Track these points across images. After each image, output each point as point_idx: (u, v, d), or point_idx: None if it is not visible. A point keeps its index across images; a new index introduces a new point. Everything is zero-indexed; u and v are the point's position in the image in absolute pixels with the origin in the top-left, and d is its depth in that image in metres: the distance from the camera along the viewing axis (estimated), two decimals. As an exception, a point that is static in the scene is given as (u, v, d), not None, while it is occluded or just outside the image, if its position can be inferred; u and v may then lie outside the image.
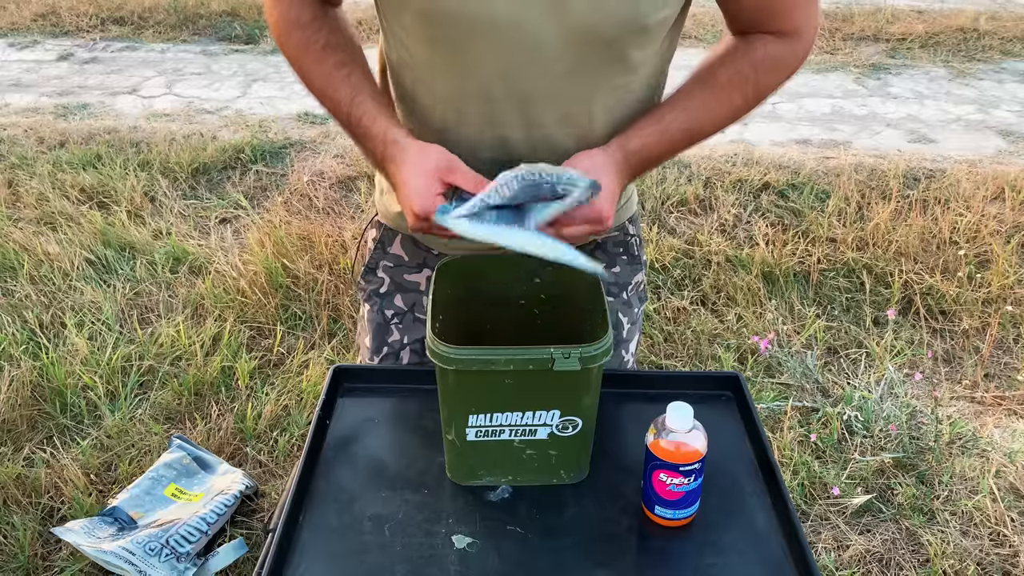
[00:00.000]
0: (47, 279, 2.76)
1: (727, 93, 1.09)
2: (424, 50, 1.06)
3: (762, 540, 0.99)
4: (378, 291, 1.32)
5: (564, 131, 1.09)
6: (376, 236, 1.33)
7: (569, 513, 1.03)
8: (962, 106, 4.40)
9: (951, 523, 1.95)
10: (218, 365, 2.38)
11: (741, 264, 2.91)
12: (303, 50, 1.09)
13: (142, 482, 1.95)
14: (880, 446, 2.15)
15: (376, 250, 1.32)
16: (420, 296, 1.30)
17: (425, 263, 1.29)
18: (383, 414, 1.19)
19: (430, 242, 1.27)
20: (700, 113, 1.09)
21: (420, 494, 1.04)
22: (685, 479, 0.96)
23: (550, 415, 1.01)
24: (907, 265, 2.90)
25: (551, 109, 1.07)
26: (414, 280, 1.30)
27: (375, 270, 1.32)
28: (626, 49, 1.03)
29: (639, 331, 1.38)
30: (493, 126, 1.08)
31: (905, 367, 2.50)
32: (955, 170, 3.51)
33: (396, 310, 1.31)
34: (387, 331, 1.31)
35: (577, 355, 0.94)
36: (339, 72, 1.07)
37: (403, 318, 1.31)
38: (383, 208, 1.30)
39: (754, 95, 1.10)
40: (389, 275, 1.31)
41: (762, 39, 1.09)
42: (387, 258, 1.31)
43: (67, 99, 4.35)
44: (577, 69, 1.03)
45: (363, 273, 1.33)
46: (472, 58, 1.02)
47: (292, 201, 3.27)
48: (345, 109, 1.07)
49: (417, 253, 1.29)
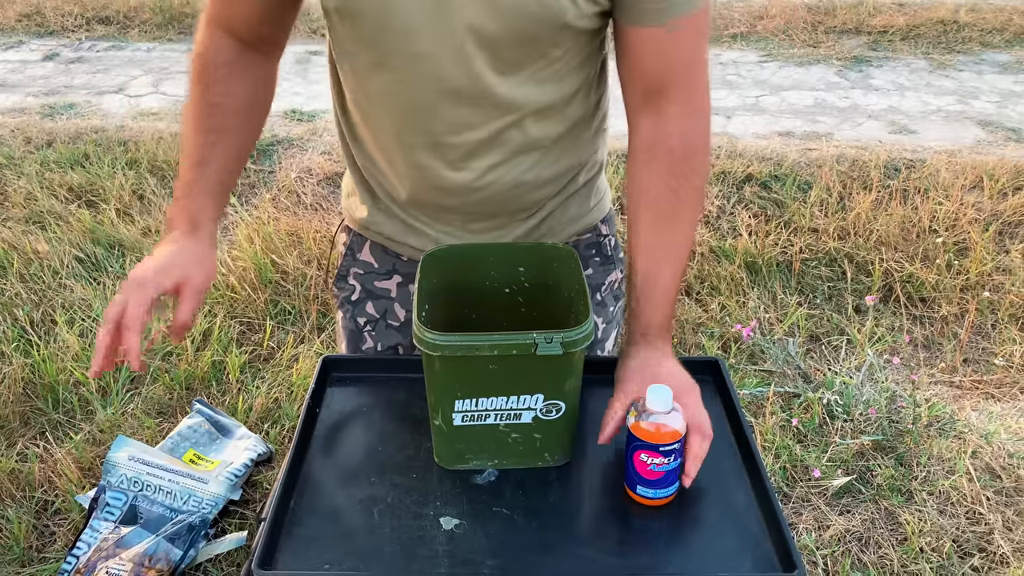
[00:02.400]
0: (37, 277, 2.78)
1: (682, 220, 1.10)
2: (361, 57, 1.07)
3: (741, 518, 1.01)
4: (350, 298, 1.31)
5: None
6: (346, 241, 1.31)
7: (553, 495, 1.05)
8: (942, 97, 4.46)
9: (928, 502, 1.99)
10: (209, 360, 2.41)
11: (724, 254, 2.95)
12: (196, 86, 1.10)
13: (165, 444, 2.02)
14: (860, 429, 2.20)
15: (346, 256, 1.31)
16: (391, 303, 1.29)
17: (395, 269, 1.28)
18: (372, 403, 1.21)
19: (398, 248, 1.26)
20: (676, 253, 1.10)
21: (408, 478, 1.06)
22: (665, 459, 0.98)
23: (534, 399, 1.03)
24: (887, 253, 2.95)
25: (476, 109, 1.07)
26: (384, 287, 1.29)
27: (346, 277, 1.31)
28: (547, 45, 1.03)
29: (617, 328, 1.39)
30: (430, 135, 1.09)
31: (885, 353, 2.55)
32: (935, 160, 3.56)
33: (368, 317, 1.31)
34: (361, 339, 1.32)
35: (559, 340, 0.96)
36: (207, 136, 1.10)
37: (375, 325, 1.31)
38: (349, 213, 1.29)
39: (699, 202, 1.12)
40: (360, 282, 1.30)
41: (675, 127, 1.06)
42: (357, 264, 1.30)
43: (53, 99, 4.35)
44: (495, 62, 1.03)
45: (335, 280, 1.33)
46: (393, 56, 1.03)
47: (280, 198, 3.29)
48: (187, 163, 1.10)
49: (386, 259, 1.28)
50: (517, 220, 1.21)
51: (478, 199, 1.15)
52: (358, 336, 1.32)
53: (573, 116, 1.13)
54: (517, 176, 1.13)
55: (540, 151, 1.12)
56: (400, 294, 1.29)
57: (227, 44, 1.10)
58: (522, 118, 1.08)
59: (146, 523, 1.78)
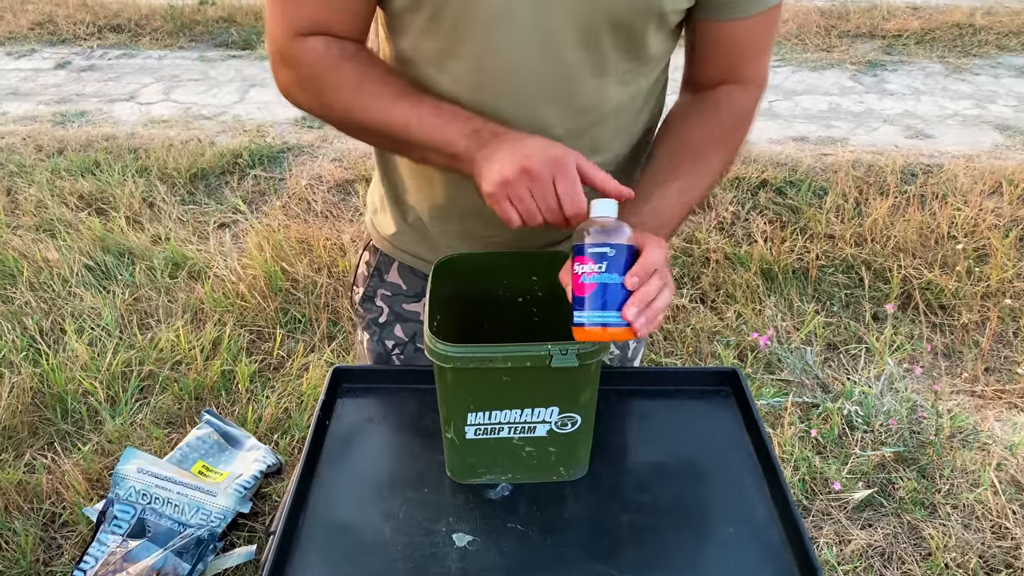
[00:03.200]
0: (46, 286, 2.76)
1: (707, 158, 1.06)
2: (429, 43, 1.00)
3: (762, 532, 0.98)
4: (377, 320, 1.27)
5: (578, 128, 1.05)
6: (371, 261, 1.26)
7: (569, 509, 1.02)
8: (959, 101, 4.40)
9: (952, 516, 1.95)
10: (218, 369, 2.38)
11: (740, 261, 2.91)
12: (349, 78, 0.98)
13: (174, 455, 1.99)
14: (881, 441, 2.15)
15: (373, 277, 1.25)
16: (421, 326, 1.22)
17: (424, 292, 1.20)
18: (383, 414, 1.19)
19: (428, 269, 1.18)
20: (689, 181, 1.05)
21: (420, 493, 1.04)
22: (596, 265, 0.87)
23: (549, 412, 1.01)
24: (905, 260, 2.90)
25: (558, 106, 1.02)
26: (413, 310, 1.25)
27: (373, 298, 1.26)
28: (642, 36, 0.99)
29: (644, 345, 1.36)
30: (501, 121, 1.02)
31: (905, 362, 2.50)
32: (952, 165, 3.51)
33: (397, 340, 1.27)
34: (388, 362, 1.28)
35: (575, 351, 0.94)
36: (405, 89, 0.98)
37: (404, 348, 1.27)
38: (375, 231, 1.23)
39: (730, 153, 1.08)
40: (387, 304, 1.25)
41: (726, 92, 1.07)
42: (384, 286, 1.25)
43: (65, 107, 4.35)
44: (588, 58, 0.99)
45: (361, 300, 1.28)
46: (475, 46, 0.97)
47: (290, 205, 3.28)
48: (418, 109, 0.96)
49: (415, 281, 1.22)
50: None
51: None
52: (386, 359, 1.28)
53: (639, 126, 1.10)
54: None
55: (600, 156, 1.08)
56: None
57: (335, 42, 0.99)
58: (598, 120, 1.05)
59: (154, 537, 1.76)
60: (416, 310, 1.25)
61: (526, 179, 0.87)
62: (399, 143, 1.00)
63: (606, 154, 1.08)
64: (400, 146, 1.02)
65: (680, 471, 1.06)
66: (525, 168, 0.86)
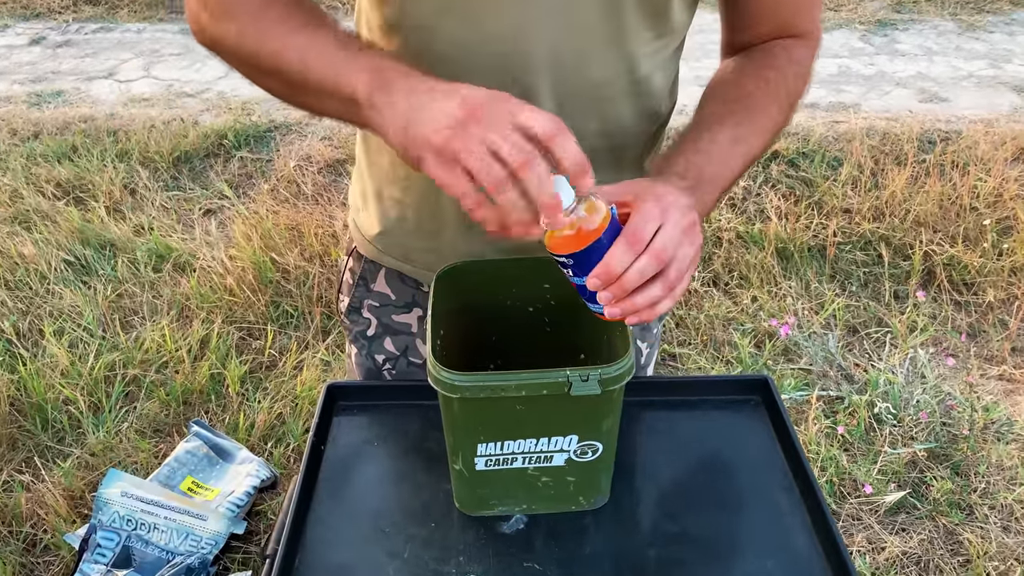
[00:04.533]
0: (23, 283, 2.62)
1: (765, 108, 0.92)
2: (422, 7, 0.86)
3: (802, 566, 0.89)
4: (365, 333, 1.17)
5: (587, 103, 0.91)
6: (355, 269, 1.14)
7: (590, 543, 0.94)
8: (973, 62, 4.23)
9: (991, 518, 1.84)
10: (206, 371, 2.25)
11: (753, 240, 2.77)
12: (267, 3, 0.82)
13: (161, 471, 1.88)
14: (911, 436, 2.04)
15: (358, 287, 1.15)
16: (412, 339, 1.15)
17: (415, 301, 1.13)
18: (382, 435, 1.09)
19: (417, 273, 1.09)
20: (744, 129, 0.90)
21: (426, 528, 0.95)
22: (563, 269, 0.78)
23: (567, 441, 0.91)
24: (926, 235, 2.77)
25: (574, 75, 0.88)
26: (403, 321, 1.14)
27: (359, 309, 1.16)
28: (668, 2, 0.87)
29: (658, 347, 1.25)
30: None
31: (929, 345, 2.38)
32: (971, 131, 3.35)
33: (387, 355, 1.17)
34: (379, 377, 1.19)
35: (596, 377, 0.83)
36: (319, 21, 0.81)
37: (396, 363, 1.17)
38: (359, 234, 1.12)
39: (788, 106, 0.94)
40: (375, 316, 1.15)
41: (782, 44, 0.95)
42: (371, 296, 1.14)
43: (40, 86, 4.16)
44: (608, 25, 0.86)
45: (347, 311, 1.18)
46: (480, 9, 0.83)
47: (279, 188, 3.12)
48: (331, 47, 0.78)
49: (404, 290, 1.12)
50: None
51: None
52: (376, 375, 1.18)
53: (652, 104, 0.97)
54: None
55: (609, 140, 0.95)
56: (421, 330, 1.14)
57: None
58: (609, 96, 0.92)
59: (140, 567, 1.64)
60: (407, 321, 1.14)
61: (469, 128, 0.65)
62: (295, 87, 0.81)
63: (616, 136, 0.95)
64: (297, 91, 0.82)
65: (709, 494, 0.97)
66: (470, 112, 0.65)
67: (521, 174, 0.64)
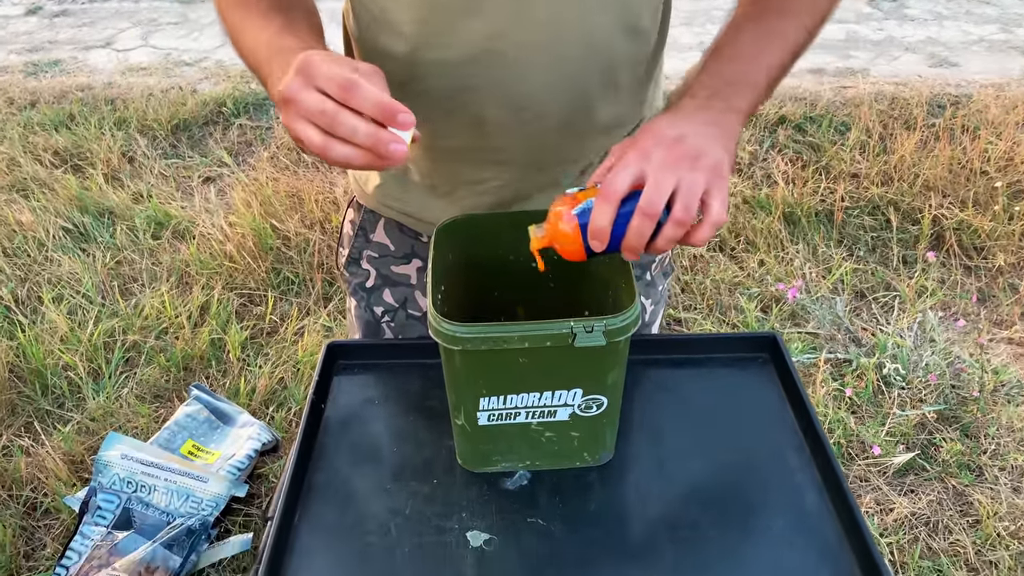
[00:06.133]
0: (21, 251, 2.59)
1: (797, 14, 0.86)
2: None
3: (814, 524, 0.88)
4: (364, 285, 1.15)
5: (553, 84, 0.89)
6: (355, 219, 1.13)
7: (595, 500, 0.92)
8: (984, 26, 4.16)
9: (1001, 480, 1.81)
10: (207, 337, 2.23)
11: (760, 205, 2.73)
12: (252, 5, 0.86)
13: (161, 435, 1.86)
14: (920, 398, 2.01)
15: (357, 237, 1.13)
16: (411, 291, 1.13)
17: (414, 252, 1.11)
18: (384, 394, 1.08)
19: (417, 225, 1.08)
20: (773, 26, 0.85)
21: (429, 484, 0.94)
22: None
23: (571, 395, 0.89)
24: (936, 199, 2.72)
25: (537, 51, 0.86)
26: (403, 272, 1.13)
27: (359, 261, 1.15)
28: None
29: (663, 308, 1.22)
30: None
31: (937, 309, 2.35)
32: (982, 95, 3.30)
33: (386, 307, 1.15)
34: (378, 331, 1.17)
35: (601, 328, 0.81)
36: (277, 13, 0.85)
37: (395, 315, 1.15)
38: (358, 186, 1.11)
39: (819, 18, 0.88)
40: (375, 267, 1.14)
41: None
42: (370, 247, 1.13)
43: (37, 56, 4.12)
44: None
45: (346, 263, 1.16)
46: None
47: (279, 156, 3.08)
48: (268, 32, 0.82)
49: (404, 241, 1.10)
50: (568, 176, 1.01)
51: (529, 132, 0.93)
52: (375, 328, 1.17)
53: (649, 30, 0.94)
54: (576, 99, 0.92)
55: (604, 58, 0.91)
56: (421, 281, 1.12)
57: None
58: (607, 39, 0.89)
59: (141, 528, 1.62)
60: (406, 272, 1.12)
61: (304, 78, 0.68)
62: (252, 69, 0.83)
63: (601, 55, 0.91)
64: (255, 73, 0.83)
65: (717, 453, 0.95)
66: (302, 65, 0.68)
67: (349, 98, 0.67)
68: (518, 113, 0.91)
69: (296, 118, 0.68)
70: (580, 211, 0.77)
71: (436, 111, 0.91)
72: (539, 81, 0.89)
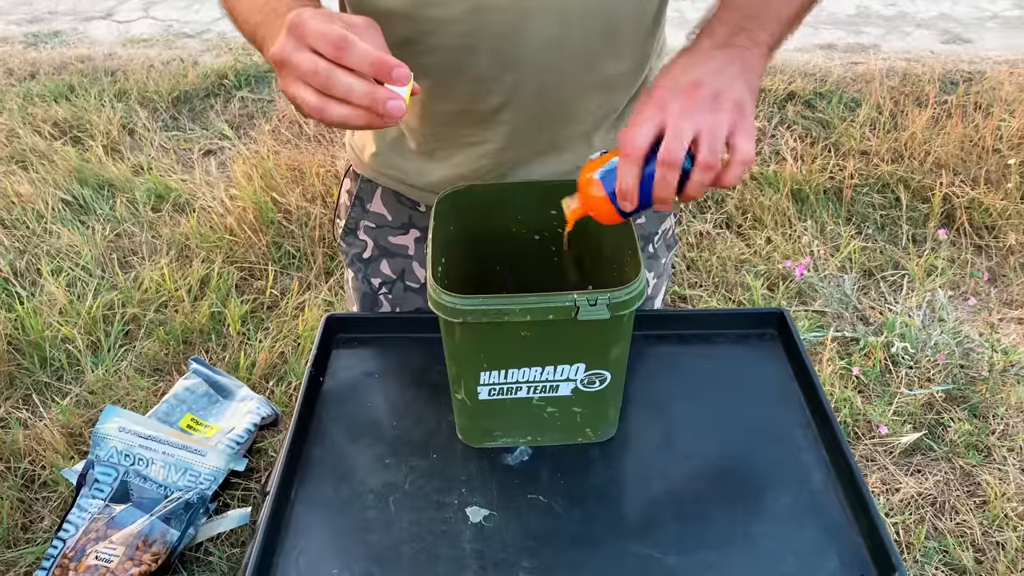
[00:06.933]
0: (20, 222, 2.57)
1: None
2: None
3: (821, 503, 0.86)
4: (361, 256, 1.13)
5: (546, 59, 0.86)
6: (352, 189, 1.11)
7: (597, 477, 0.91)
8: (998, 2, 4.09)
9: (1009, 460, 1.79)
10: (207, 311, 2.21)
11: (768, 182, 2.69)
12: None
13: (160, 408, 1.85)
14: (928, 377, 1.98)
15: (354, 207, 1.11)
16: (409, 262, 1.11)
17: (412, 222, 1.09)
18: (383, 368, 1.06)
19: (414, 193, 1.05)
20: None
21: (428, 459, 0.93)
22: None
23: (574, 369, 0.87)
24: (947, 177, 2.68)
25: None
26: (400, 243, 1.11)
27: (355, 231, 1.12)
28: None
29: (667, 280, 1.20)
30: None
31: (947, 288, 2.32)
32: (995, 72, 3.24)
33: (383, 278, 1.13)
34: (375, 302, 1.15)
35: (605, 301, 0.79)
36: None
37: (392, 287, 1.13)
38: (355, 154, 1.09)
39: None
40: (372, 237, 1.11)
41: None
42: (367, 217, 1.11)
43: (37, 27, 4.07)
44: None
45: (343, 233, 1.14)
46: None
47: (280, 129, 3.04)
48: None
49: (401, 211, 1.08)
50: (567, 139, 0.98)
51: (529, 91, 0.90)
52: (372, 299, 1.14)
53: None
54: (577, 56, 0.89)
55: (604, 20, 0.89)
56: (419, 252, 1.10)
57: None
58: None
59: (139, 502, 1.61)
60: (404, 243, 1.10)
61: (295, 38, 0.66)
62: (248, 37, 0.81)
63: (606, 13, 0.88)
64: (251, 41, 0.81)
65: (722, 429, 0.94)
66: (293, 25, 0.66)
67: (342, 57, 0.64)
68: (518, 71, 0.88)
69: (291, 80, 0.66)
70: (603, 173, 0.76)
71: (436, 70, 0.88)
72: (540, 38, 0.86)
